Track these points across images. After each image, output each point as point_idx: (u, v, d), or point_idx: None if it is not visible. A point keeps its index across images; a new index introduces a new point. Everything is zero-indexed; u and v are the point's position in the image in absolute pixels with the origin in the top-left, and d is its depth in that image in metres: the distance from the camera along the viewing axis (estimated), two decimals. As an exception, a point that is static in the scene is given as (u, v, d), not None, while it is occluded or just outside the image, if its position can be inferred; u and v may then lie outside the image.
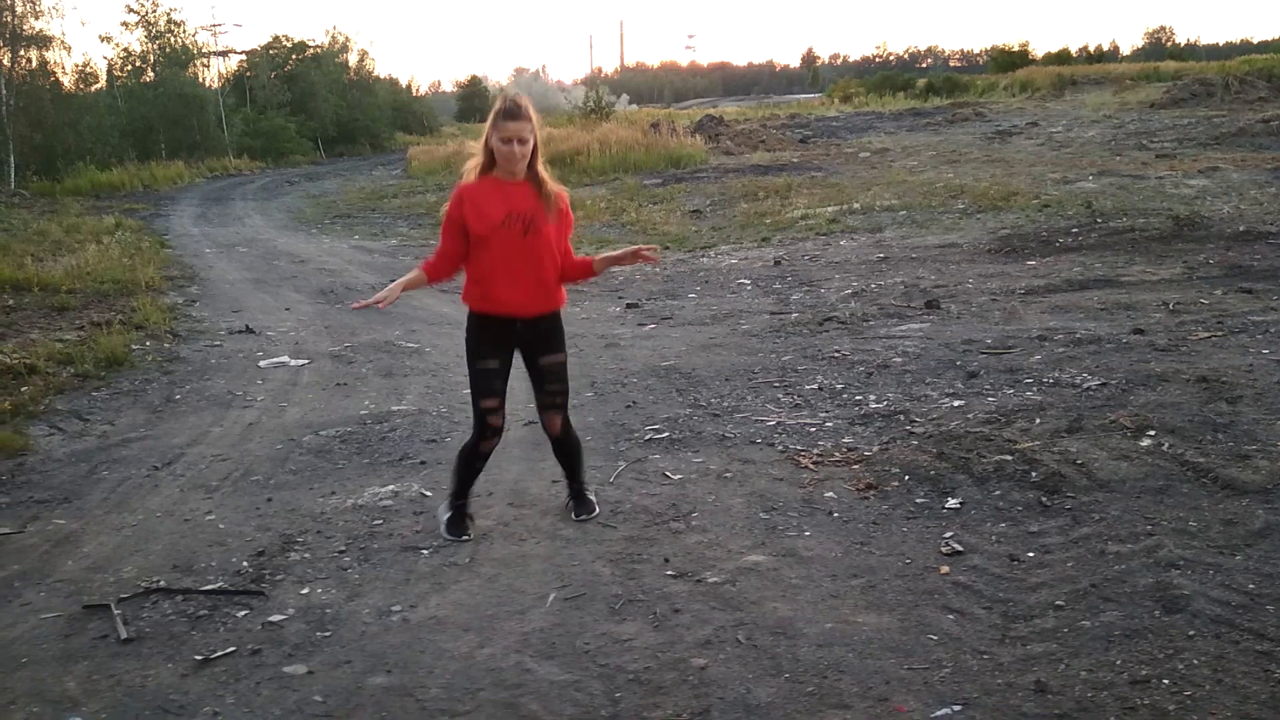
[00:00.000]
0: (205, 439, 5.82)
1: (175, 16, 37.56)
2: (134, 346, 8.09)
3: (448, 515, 4.19)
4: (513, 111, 3.75)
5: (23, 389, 6.78)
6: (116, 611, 3.61)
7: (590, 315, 9.20)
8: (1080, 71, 43.41)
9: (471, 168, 3.92)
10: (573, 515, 4.26)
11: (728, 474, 4.71)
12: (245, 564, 4.00)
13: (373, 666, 3.17)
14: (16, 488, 5.09)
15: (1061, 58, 54.68)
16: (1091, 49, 69.88)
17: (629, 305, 9.57)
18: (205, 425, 6.11)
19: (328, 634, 3.40)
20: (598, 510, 4.28)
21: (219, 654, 3.28)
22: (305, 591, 3.73)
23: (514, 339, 3.99)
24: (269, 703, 2.98)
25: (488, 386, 3.98)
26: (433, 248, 4.18)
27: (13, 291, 10.53)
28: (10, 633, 3.53)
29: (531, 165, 3.83)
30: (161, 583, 3.85)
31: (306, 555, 4.06)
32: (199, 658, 3.26)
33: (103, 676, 3.19)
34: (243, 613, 3.58)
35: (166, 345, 8.37)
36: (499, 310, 3.91)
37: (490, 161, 3.85)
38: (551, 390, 4.10)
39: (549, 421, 4.15)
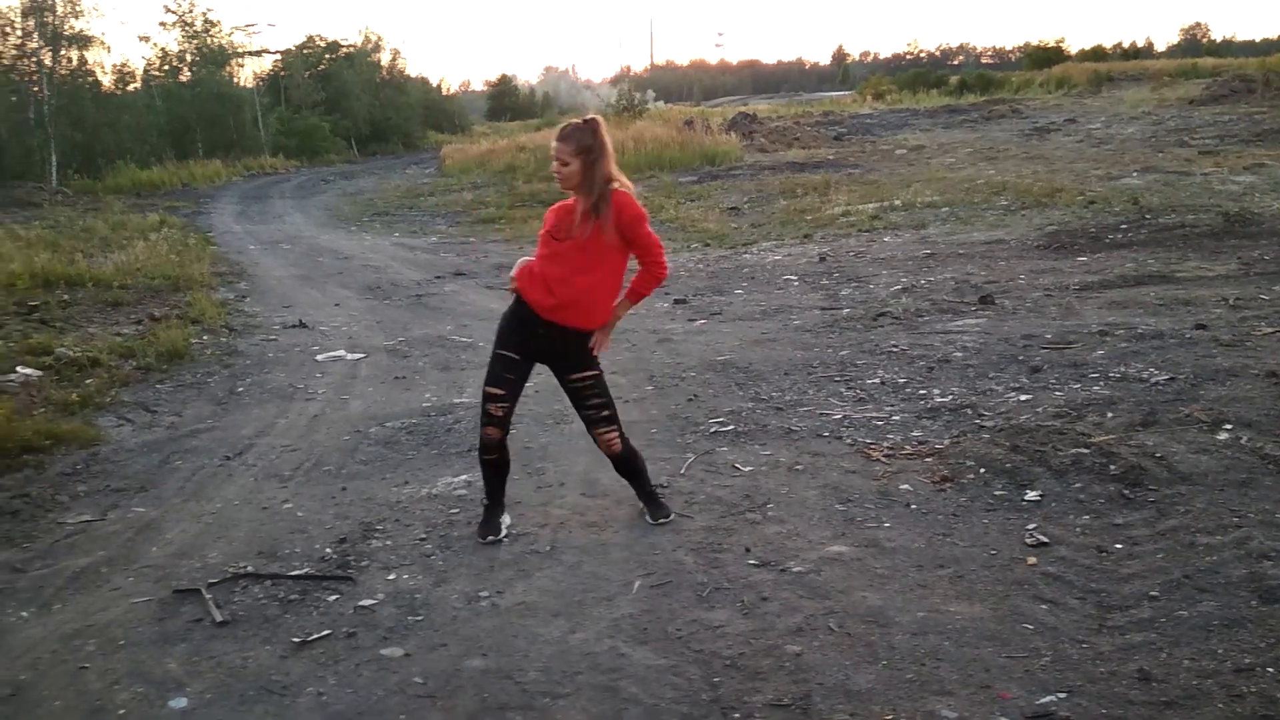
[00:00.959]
0: (272, 430, 5.89)
1: (211, 16, 38.03)
2: (193, 341, 8.19)
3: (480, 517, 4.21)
4: (559, 132, 3.78)
5: (88, 381, 6.89)
6: (208, 596, 3.67)
7: (639, 311, 9.18)
8: (1116, 68, 42.98)
9: None
10: (648, 519, 4.17)
11: (798, 466, 4.73)
12: (329, 550, 4.06)
13: (468, 650, 3.21)
14: (93, 477, 5.18)
15: (1097, 54, 54.19)
16: (1126, 45, 69.23)
17: (677, 301, 9.58)
18: (270, 417, 6.18)
19: (419, 618, 3.44)
20: (673, 515, 4.19)
21: (315, 637, 3.34)
22: (392, 577, 3.78)
23: (538, 344, 3.93)
24: (371, 684, 3.03)
25: (498, 374, 3.95)
26: (472, 244, 4.17)
27: (66, 287, 10.69)
28: (105, 616, 3.59)
29: (586, 184, 3.74)
30: (249, 568, 3.91)
31: (388, 542, 4.11)
32: (296, 640, 3.32)
33: (202, 658, 3.25)
34: (333, 597, 3.64)
35: (223, 339, 8.47)
36: (528, 298, 3.86)
37: None
38: (595, 404, 4.01)
39: (604, 441, 4.05)
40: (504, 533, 4.11)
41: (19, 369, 7.00)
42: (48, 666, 3.24)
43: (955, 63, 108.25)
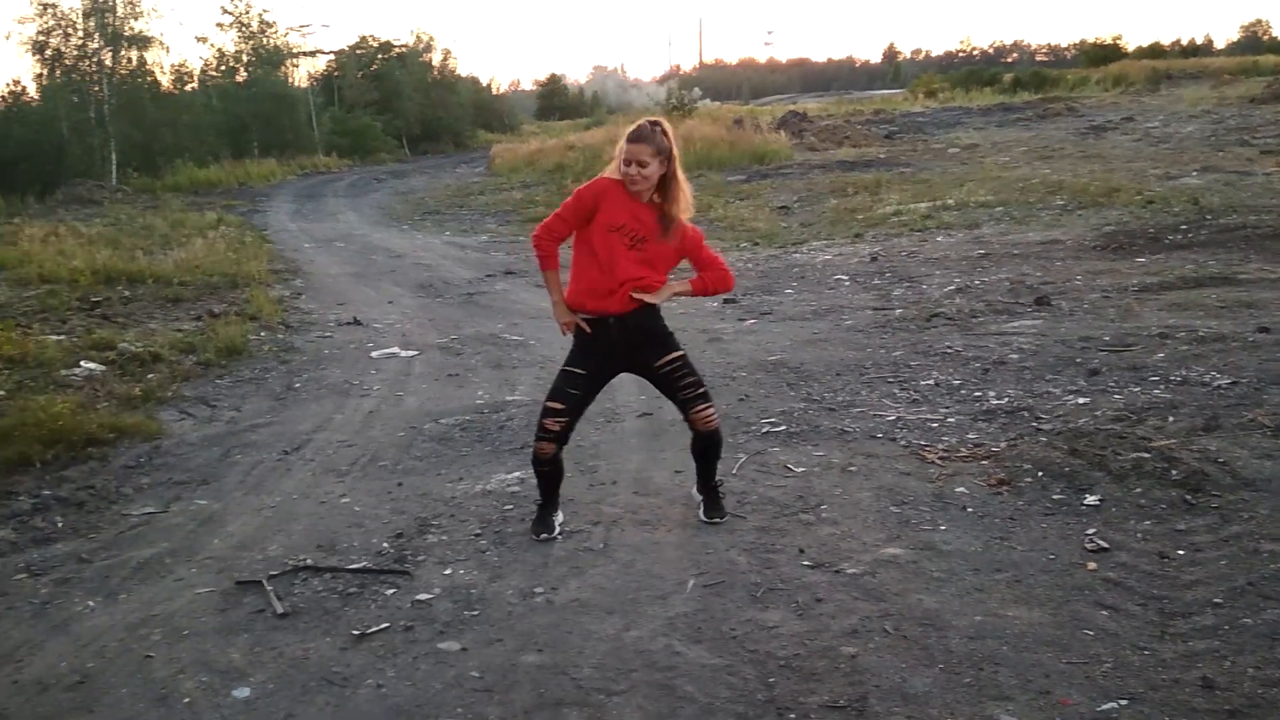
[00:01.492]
0: (329, 426, 5.98)
1: (267, 18, 38.65)
2: (250, 337, 8.34)
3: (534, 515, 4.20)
4: (637, 134, 3.69)
5: (150, 376, 7.04)
6: (269, 588, 3.73)
7: (689, 310, 9.22)
8: (1175, 66, 42.19)
9: (610, 169, 3.84)
10: (701, 515, 4.17)
11: (852, 468, 4.71)
12: (385, 545, 4.11)
13: (524, 645, 3.24)
14: (155, 470, 5.29)
15: (1155, 52, 53.21)
16: (1185, 43, 67.79)
17: (726, 300, 9.56)
18: (327, 413, 6.28)
19: (475, 613, 3.48)
20: (727, 516, 4.16)
21: (374, 629, 3.38)
22: (448, 572, 3.82)
23: (614, 349, 3.90)
24: (429, 677, 3.07)
25: (560, 388, 3.92)
26: (522, 243, 4.16)
27: (128, 283, 10.95)
28: (169, 606, 3.67)
29: (663, 192, 3.78)
30: (309, 561, 3.97)
31: (444, 538, 4.16)
32: (356, 633, 3.36)
33: (264, 649, 3.31)
34: (390, 591, 3.69)
35: (280, 336, 8.62)
36: (593, 309, 3.83)
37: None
38: (687, 384, 3.95)
39: (701, 418, 3.96)
40: (557, 531, 4.11)
41: (83, 364, 7.17)
42: (114, 655, 3.31)
43: (1009, 60, 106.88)
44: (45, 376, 6.81)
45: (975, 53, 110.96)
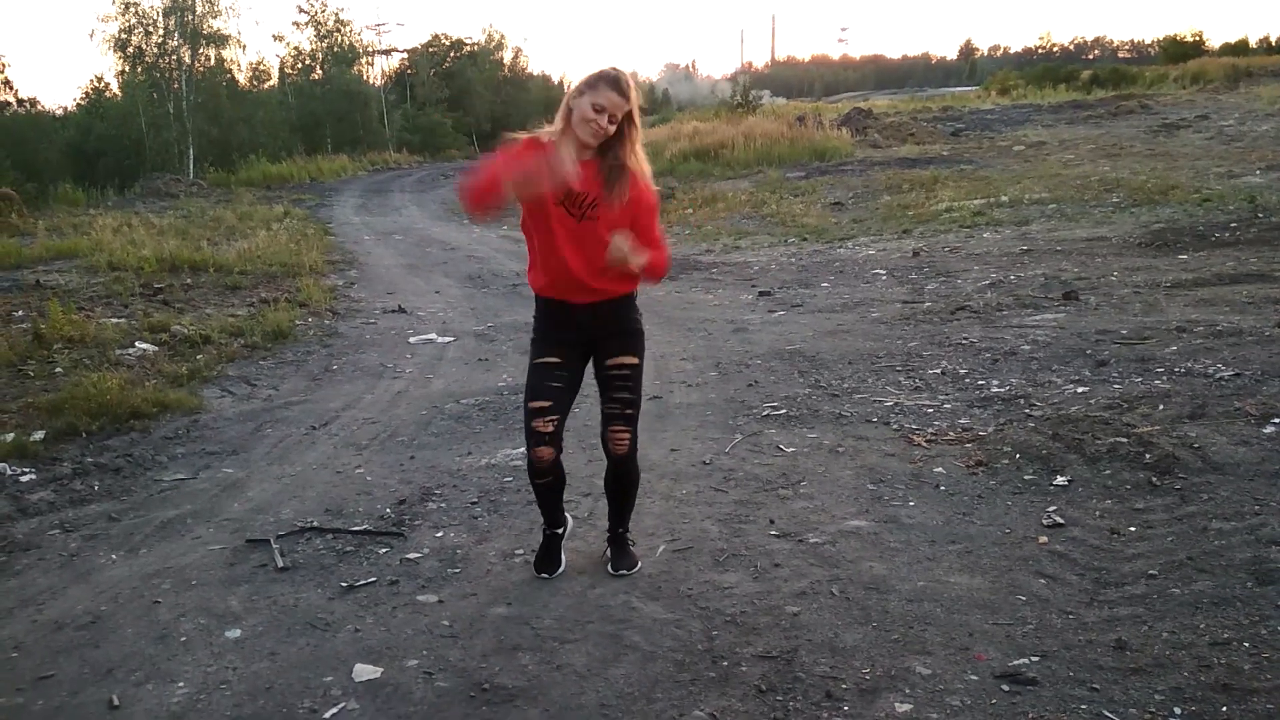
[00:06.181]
0: (358, 404, 6.30)
1: (343, 16, 39.66)
2: (297, 322, 8.75)
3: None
4: (616, 82, 3.17)
5: (199, 356, 7.45)
6: (275, 545, 4.03)
7: (722, 302, 9.41)
8: (1257, 63, 40.92)
9: (549, 133, 3.27)
10: (609, 567, 3.66)
11: (840, 449, 4.86)
12: (388, 510, 4.39)
13: (495, 599, 3.48)
14: (191, 441, 5.65)
15: (1239, 48, 51.60)
16: (1273, 40, 65.47)
17: (761, 293, 9.72)
18: (358, 393, 6.60)
19: (457, 571, 3.73)
20: (640, 565, 3.67)
21: (362, 583, 3.66)
22: (440, 535, 4.08)
23: (579, 334, 3.42)
24: (403, 624, 3.33)
25: (538, 385, 3.41)
26: None
27: (191, 271, 11.46)
28: (182, 560, 3.99)
29: (610, 145, 3.23)
30: (315, 523, 4.27)
31: (442, 505, 4.43)
32: (344, 585, 3.64)
33: (261, 598, 3.60)
34: (384, 550, 3.96)
35: (326, 322, 9.00)
36: (557, 295, 3.37)
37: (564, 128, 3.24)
38: (619, 398, 3.45)
39: (612, 437, 3.48)
40: (563, 565, 3.69)
41: (138, 344, 7.61)
42: (126, 600, 3.63)
43: (1090, 57, 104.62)
44: (101, 355, 7.25)
45: (1055, 49, 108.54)
